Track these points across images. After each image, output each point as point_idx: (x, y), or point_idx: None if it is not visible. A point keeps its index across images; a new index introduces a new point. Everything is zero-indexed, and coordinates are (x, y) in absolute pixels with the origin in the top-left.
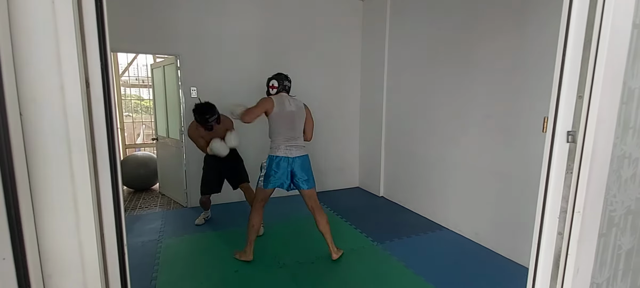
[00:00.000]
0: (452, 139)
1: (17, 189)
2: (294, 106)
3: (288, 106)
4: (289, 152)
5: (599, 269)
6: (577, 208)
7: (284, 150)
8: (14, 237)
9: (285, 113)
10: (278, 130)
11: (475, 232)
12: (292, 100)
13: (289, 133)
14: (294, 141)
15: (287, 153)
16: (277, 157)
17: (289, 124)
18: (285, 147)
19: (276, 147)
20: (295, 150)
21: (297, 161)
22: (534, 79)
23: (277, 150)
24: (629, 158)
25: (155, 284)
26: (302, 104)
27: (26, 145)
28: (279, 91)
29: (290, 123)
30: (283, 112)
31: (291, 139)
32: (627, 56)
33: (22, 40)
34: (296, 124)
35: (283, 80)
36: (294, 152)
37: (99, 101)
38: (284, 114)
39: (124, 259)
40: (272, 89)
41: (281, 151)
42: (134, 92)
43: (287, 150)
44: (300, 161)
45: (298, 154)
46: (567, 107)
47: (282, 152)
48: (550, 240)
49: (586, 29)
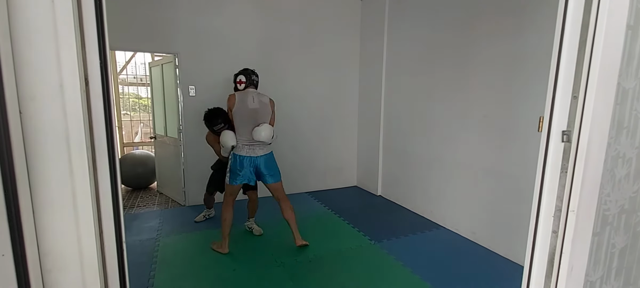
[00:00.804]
0: (449, 138)
1: (17, 186)
2: (258, 103)
3: (250, 103)
4: (251, 151)
5: (592, 267)
6: (571, 207)
7: (247, 150)
8: (13, 234)
9: (247, 111)
10: (240, 128)
11: (473, 231)
12: (257, 96)
13: (250, 131)
14: (254, 141)
15: (250, 152)
16: (240, 157)
17: (250, 121)
18: (248, 147)
19: (239, 145)
20: (259, 148)
21: (261, 160)
22: (532, 79)
23: (241, 149)
24: (622, 158)
25: (152, 282)
26: (267, 100)
27: (26, 143)
28: (247, 87)
29: (252, 121)
30: (245, 109)
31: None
32: (621, 57)
33: (21, 39)
34: (258, 121)
35: (250, 75)
36: (257, 150)
37: (98, 99)
38: (245, 112)
39: (123, 255)
40: (239, 84)
41: (244, 150)
42: (132, 90)
43: (250, 149)
44: (264, 159)
45: (262, 152)
46: (562, 107)
47: (245, 151)
48: (545, 239)
49: (581, 30)
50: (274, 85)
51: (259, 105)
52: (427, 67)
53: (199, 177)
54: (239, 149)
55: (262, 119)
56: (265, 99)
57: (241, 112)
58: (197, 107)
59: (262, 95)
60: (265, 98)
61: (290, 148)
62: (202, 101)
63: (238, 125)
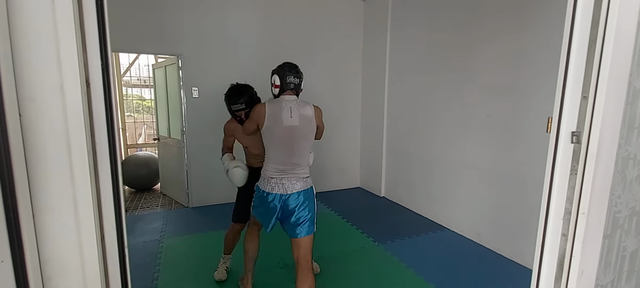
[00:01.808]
0: (453, 139)
1: (16, 190)
2: (298, 118)
3: (287, 119)
4: (280, 186)
5: (603, 271)
6: (581, 210)
7: (273, 184)
8: (12, 239)
9: (281, 129)
10: (270, 151)
11: (477, 232)
12: (297, 108)
13: (286, 157)
14: (291, 169)
15: (277, 188)
16: (263, 192)
17: (286, 144)
18: (277, 179)
19: (264, 175)
20: (293, 182)
21: (293, 197)
22: (536, 78)
23: (265, 182)
24: (634, 159)
25: (156, 284)
26: (311, 111)
27: (25, 146)
28: (281, 92)
29: (288, 144)
30: (278, 127)
31: (288, 165)
32: (632, 56)
33: (21, 39)
34: (297, 145)
35: (286, 74)
36: (288, 184)
37: (99, 101)
38: (278, 131)
39: (125, 260)
40: (274, 88)
41: (269, 184)
42: (136, 92)
43: (279, 183)
44: (298, 197)
45: (296, 188)
46: (572, 107)
47: (270, 185)
48: (554, 242)
49: (591, 28)
50: None
51: (299, 120)
52: (430, 67)
53: (203, 179)
54: (263, 180)
55: (304, 141)
56: (308, 111)
57: (275, 130)
58: (201, 109)
59: (304, 105)
60: (308, 109)
61: None
62: (205, 103)
63: (268, 146)
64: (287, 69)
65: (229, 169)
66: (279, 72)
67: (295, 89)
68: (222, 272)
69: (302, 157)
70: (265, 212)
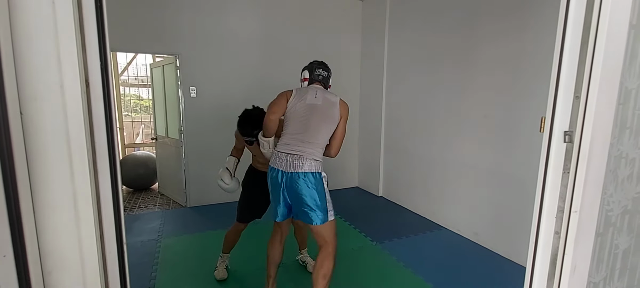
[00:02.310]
0: (451, 139)
1: (18, 187)
2: (322, 99)
3: (311, 98)
4: (285, 163)
5: (595, 268)
6: (574, 208)
7: (280, 158)
8: (14, 234)
9: (303, 106)
10: (286, 127)
11: (475, 231)
12: (322, 93)
13: (299, 131)
14: (301, 148)
15: (281, 163)
16: (271, 168)
17: (303, 119)
18: (284, 154)
19: (275, 151)
20: (300, 161)
21: (298, 179)
22: (534, 79)
23: (273, 157)
24: (625, 158)
25: (154, 284)
26: (336, 99)
27: (26, 144)
28: (311, 83)
29: (306, 119)
30: (300, 104)
31: (299, 142)
32: (624, 56)
33: (22, 39)
34: (312, 122)
35: (315, 68)
36: (293, 162)
37: (98, 100)
38: (300, 107)
39: (123, 256)
40: (303, 82)
41: (277, 158)
42: (133, 91)
43: (284, 159)
44: (303, 178)
45: (301, 168)
46: (564, 107)
47: (277, 160)
48: (547, 240)
49: (583, 29)
50: (275, 86)
51: (323, 101)
52: (428, 68)
53: (201, 178)
54: (273, 157)
55: (319, 120)
56: (333, 98)
57: (294, 108)
58: (199, 109)
59: (330, 94)
60: (333, 97)
61: None
62: (204, 102)
63: (286, 123)
64: (317, 64)
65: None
66: (309, 67)
67: (324, 81)
68: (222, 271)
69: (314, 136)
70: (275, 193)
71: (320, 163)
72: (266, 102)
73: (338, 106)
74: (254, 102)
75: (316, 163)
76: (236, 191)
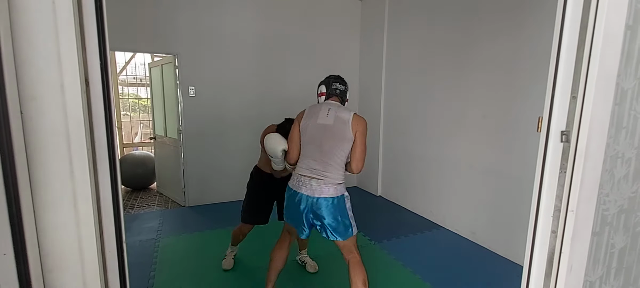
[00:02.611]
0: (449, 138)
1: (18, 186)
2: (333, 118)
3: (323, 118)
4: (308, 187)
5: (592, 267)
6: (570, 207)
7: (302, 182)
8: (14, 233)
9: (314, 126)
10: (303, 149)
11: (472, 231)
12: (335, 110)
13: (314, 154)
14: (321, 171)
15: (304, 188)
16: (291, 190)
17: (316, 142)
18: (306, 178)
19: (295, 173)
20: (322, 185)
21: (323, 204)
22: (531, 79)
23: (294, 179)
24: (621, 158)
25: (152, 283)
26: (348, 116)
27: (27, 143)
28: (327, 98)
29: (319, 141)
30: (312, 124)
31: (317, 163)
32: (620, 57)
33: (22, 39)
34: (327, 144)
35: (332, 82)
36: (316, 187)
37: (98, 100)
38: (311, 128)
39: (123, 255)
40: (320, 97)
41: (298, 182)
42: (132, 91)
43: (307, 183)
44: (328, 204)
45: (326, 194)
46: (561, 107)
47: (298, 183)
48: (544, 239)
49: (580, 30)
50: (274, 86)
51: (334, 121)
52: (426, 67)
53: (199, 178)
54: (294, 179)
55: (332, 140)
56: (345, 115)
57: (307, 126)
58: (197, 108)
59: (343, 111)
60: (346, 114)
61: None
62: (202, 102)
63: (302, 145)
64: (333, 79)
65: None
66: (325, 81)
67: (340, 95)
68: (229, 261)
69: (331, 158)
70: (295, 214)
71: (343, 186)
72: (266, 102)
73: (350, 124)
74: (252, 101)
75: (338, 187)
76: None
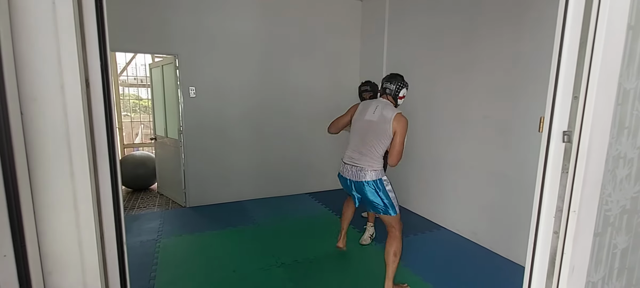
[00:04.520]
0: (450, 139)
1: (18, 187)
2: (378, 116)
3: (370, 114)
4: (351, 172)
5: (594, 268)
6: (572, 208)
7: (346, 169)
8: (15, 235)
9: (362, 121)
10: (350, 139)
11: (473, 231)
12: (381, 108)
13: (356, 144)
14: (360, 159)
15: (348, 173)
16: (339, 174)
17: (360, 134)
18: (349, 165)
19: (343, 159)
20: (363, 172)
21: (366, 187)
22: (532, 79)
23: (342, 165)
24: (624, 158)
25: (153, 284)
26: (391, 115)
27: (27, 144)
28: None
29: (362, 134)
30: (360, 119)
31: (357, 152)
32: (622, 57)
33: (22, 40)
34: (367, 137)
35: (384, 81)
36: (358, 173)
37: (98, 101)
38: (359, 122)
39: (124, 257)
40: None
41: (344, 168)
42: (133, 91)
43: (350, 169)
44: (369, 187)
45: (367, 178)
46: (563, 107)
47: (344, 169)
48: (546, 239)
49: (582, 30)
50: (274, 85)
51: (379, 118)
52: (427, 68)
53: (200, 178)
54: (341, 164)
55: (374, 135)
56: (389, 113)
57: (356, 121)
58: (198, 108)
59: (389, 109)
60: (390, 112)
61: (291, 149)
62: (203, 102)
63: (351, 134)
64: (387, 78)
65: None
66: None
67: (391, 93)
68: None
69: (369, 149)
70: (348, 191)
71: (380, 171)
72: (267, 102)
73: (391, 122)
74: (253, 101)
75: (376, 172)
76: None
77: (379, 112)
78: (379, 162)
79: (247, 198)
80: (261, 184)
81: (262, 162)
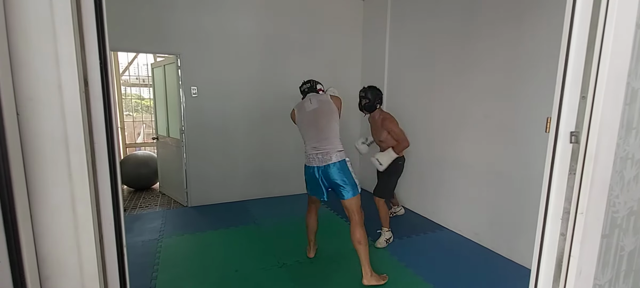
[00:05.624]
0: (452, 138)
1: (13, 190)
2: (316, 102)
3: (309, 106)
4: (317, 159)
5: (601, 270)
6: (579, 210)
7: (312, 158)
8: (10, 239)
9: (306, 114)
10: (305, 135)
11: (475, 232)
12: (315, 97)
13: (315, 134)
14: (323, 145)
15: (314, 161)
16: (306, 166)
17: (311, 125)
18: (314, 154)
19: (306, 154)
20: (328, 155)
21: (331, 169)
22: (534, 79)
23: (307, 158)
24: (632, 160)
25: (155, 283)
26: (327, 97)
27: (23, 145)
28: (304, 97)
29: (314, 123)
30: (304, 114)
31: (319, 141)
32: (631, 57)
33: (18, 38)
34: (321, 122)
35: (304, 83)
36: (322, 157)
37: (97, 101)
38: (304, 117)
39: (123, 260)
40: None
41: (309, 159)
42: (135, 91)
43: (315, 157)
44: (334, 167)
45: (332, 160)
46: (571, 107)
47: (310, 160)
48: (552, 242)
49: (590, 29)
50: (276, 85)
51: (318, 104)
52: (429, 67)
53: (202, 178)
54: (306, 158)
55: (324, 119)
56: (324, 97)
57: (301, 118)
58: (200, 108)
59: (321, 95)
60: (324, 96)
61: (291, 149)
62: (205, 102)
63: (302, 133)
64: (302, 84)
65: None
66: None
67: (310, 90)
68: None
69: (328, 130)
70: (314, 184)
71: (343, 152)
72: (268, 102)
73: (330, 101)
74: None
75: (340, 153)
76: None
77: (315, 99)
78: (340, 143)
79: (249, 198)
80: (263, 184)
81: (264, 162)
